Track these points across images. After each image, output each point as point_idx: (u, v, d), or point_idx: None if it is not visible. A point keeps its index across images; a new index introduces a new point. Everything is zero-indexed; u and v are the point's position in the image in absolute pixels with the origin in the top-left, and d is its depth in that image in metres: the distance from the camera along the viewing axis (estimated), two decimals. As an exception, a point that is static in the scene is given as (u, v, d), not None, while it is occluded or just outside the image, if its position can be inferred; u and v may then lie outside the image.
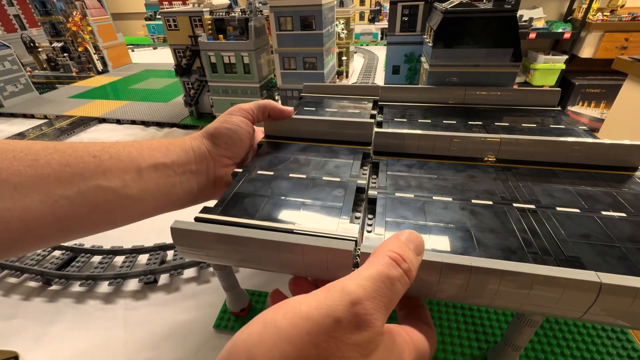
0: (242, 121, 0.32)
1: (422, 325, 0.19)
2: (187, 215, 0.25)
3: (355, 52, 1.75)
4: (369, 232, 0.25)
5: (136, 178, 0.24)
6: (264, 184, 0.30)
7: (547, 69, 1.84)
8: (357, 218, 0.26)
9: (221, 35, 0.82)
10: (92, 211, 0.22)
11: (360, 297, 0.13)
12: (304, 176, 0.31)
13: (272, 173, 0.31)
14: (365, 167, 0.32)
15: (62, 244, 0.22)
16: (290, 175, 0.31)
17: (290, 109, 0.37)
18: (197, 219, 0.25)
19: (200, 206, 0.27)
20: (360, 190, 0.28)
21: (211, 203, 0.27)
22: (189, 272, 0.47)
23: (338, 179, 0.30)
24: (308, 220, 0.25)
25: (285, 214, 0.26)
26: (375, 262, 0.15)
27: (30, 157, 0.20)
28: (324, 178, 0.30)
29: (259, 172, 0.31)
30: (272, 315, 0.13)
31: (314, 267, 0.22)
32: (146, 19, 2.83)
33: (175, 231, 0.23)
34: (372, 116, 0.44)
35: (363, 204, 0.28)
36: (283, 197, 0.28)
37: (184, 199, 0.29)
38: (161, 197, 0.26)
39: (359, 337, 0.13)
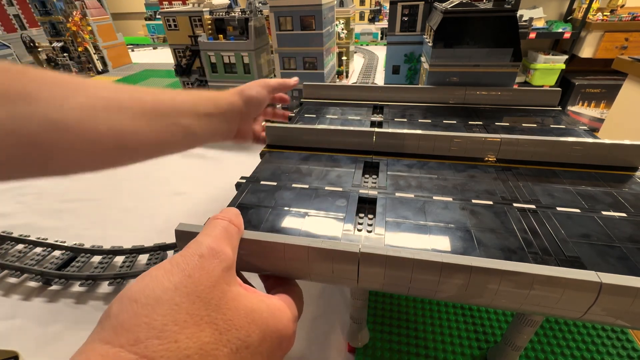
0: (267, 96, 0.40)
1: (287, 286, 0.22)
2: (190, 218, 0.25)
3: (355, 52, 1.75)
4: (369, 232, 0.25)
5: (194, 122, 0.31)
6: (268, 194, 0.30)
7: (547, 68, 1.84)
8: (360, 224, 0.26)
9: (221, 35, 0.82)
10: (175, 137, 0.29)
11: (210, 240, 0.18)
12: (307, 186, 0.31)
13: (275, 183, 0.31)
14: (366, 176, 0.32)
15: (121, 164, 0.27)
16: (293, 185, 0.31)
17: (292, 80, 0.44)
18: None
19: (205, 217, 0.27)
20: (362, 200, 0.28)
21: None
22: (189, 272, 0.47)
23: (340, 189, 0.30)
24: (312, 230, 0.25)
25: (288, 225, 0.26)
26: (209, 227, 0.20)
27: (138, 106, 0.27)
28: (327, 188, 0.30)
29: (262, 182, 0.31)
30: (148, 272, 0.16)
31: (320, 270, 0.22)
32: (146, 19, 2.82)
33: (179, 233, 0.23)
34: (373, 124, 0.44)
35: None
36: (286, 208, 0.28)
37: (218, 139, 0.35)
38: (208, 137, 0.33)
39: (219, 264, 0.17)
